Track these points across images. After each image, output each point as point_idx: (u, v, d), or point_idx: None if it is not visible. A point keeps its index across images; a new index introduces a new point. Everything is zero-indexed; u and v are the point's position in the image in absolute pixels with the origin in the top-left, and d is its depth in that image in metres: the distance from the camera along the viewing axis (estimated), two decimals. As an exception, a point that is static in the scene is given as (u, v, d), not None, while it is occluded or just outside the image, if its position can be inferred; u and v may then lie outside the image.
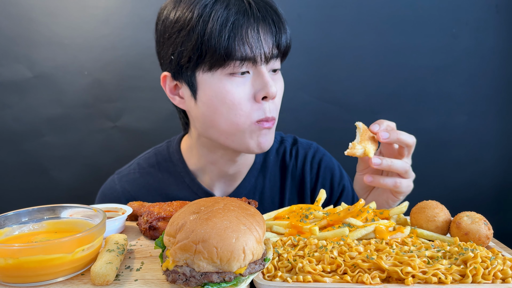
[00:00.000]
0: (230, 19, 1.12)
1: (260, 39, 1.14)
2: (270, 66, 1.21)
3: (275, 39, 1.18)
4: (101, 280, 0.74)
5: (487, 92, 2.10)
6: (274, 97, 1.18)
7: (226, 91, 1.16)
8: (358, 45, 2.05)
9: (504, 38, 2.05)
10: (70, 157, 2.07)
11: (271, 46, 1.17)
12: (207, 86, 1.18)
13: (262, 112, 1.19)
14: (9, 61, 1.96)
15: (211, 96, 1.18)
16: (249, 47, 1.13)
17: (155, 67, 2.01)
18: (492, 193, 2.19)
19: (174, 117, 2.07)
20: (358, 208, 1.00)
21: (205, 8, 1.13)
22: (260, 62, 1.16)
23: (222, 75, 1.16)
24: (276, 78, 1.25)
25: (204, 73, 1.17)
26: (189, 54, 1.16)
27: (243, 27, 1.12)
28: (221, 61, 1.13)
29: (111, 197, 1.44)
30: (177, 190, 1.42)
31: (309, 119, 2.11)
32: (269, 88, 1.16)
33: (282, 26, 1.19)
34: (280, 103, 1.27)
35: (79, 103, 2.03)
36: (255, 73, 1.18)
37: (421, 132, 2.11)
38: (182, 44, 1.16)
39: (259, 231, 0.73)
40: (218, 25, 1.11)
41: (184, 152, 1.45)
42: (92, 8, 1.96)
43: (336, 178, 1.50)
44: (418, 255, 0.79)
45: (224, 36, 1.11)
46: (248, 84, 1.18)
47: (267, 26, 1.16)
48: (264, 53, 1.15)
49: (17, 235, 0.87)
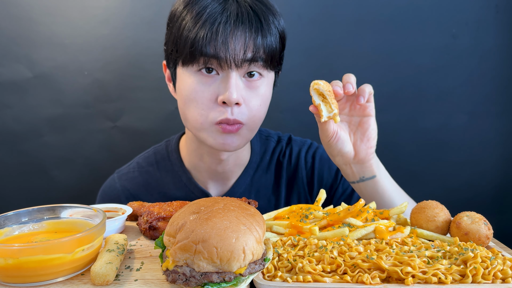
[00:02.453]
0: (203, 18, 1.12)
1: (226, 41, 1.12)
2: (244, 70, 1.18)
3: (251, 45, 1.14)
4: (101, 280, 0.74)
5: (487, 92, 2.10)
6: (232, 103, 1.15)
7: (192, 87, 1.19)
8: (358, 45, 2.05)
9: (504, 38, 2.05)
10: (70, 157, 2.07)
11: (243, 51, 1.14)
12: (181, 80, 1.22)
13: (223, 114, 1.17)
14: (9, 61, 1.96)
15: (182, 90, 1.22)
16: (214, 48, 1.12)
17: (155, 67, 2.02)
18: (492, 193, 2.18)
19: (174, 117, 2.08)
20: (358, 208, 1.00)
21: (188, 4, 1.17)
22: (226, 65, 1.14)
23: (192, 71, 1.19)
24: (254, 86, 1.21)
25: (181, 67, 1.22)
26: (171, 47, 1.22)
27: (212, 28, 1.12)
28: (188, 57, 1.16)
29: (111, 195, 1.46)
30: (175, 189, 1.43)
31: (309, 119, 2.10)
32: (228, 94, 1.14)
33: (261, 30, 1.16)
34: (257, 110, 1.22)
35: (79, 103, 2.03)
36: (223, 76, 1.17)
37: (421, 132, 2.12)
38: (169, 36, 1.23)
39: (259, 231, 0.73)
40: (191, 23, 1.14)
41: (181, 150, 1.47)
42: (92, 8, 1.96)
43: (334, 166, 1.48)
44: (418, 255, 0.79)
45: (192, 34, 1.13)
46: (214, 85, 1.18)
47: (241, 30, 1.13)
48: (230, 57, 1.13)
49: (17, 235, 0.87)
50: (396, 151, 2.11)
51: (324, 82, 1.07)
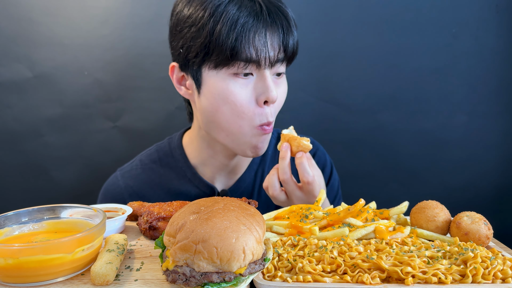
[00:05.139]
0: (240, 21, 1.14)
1: (266, 43, 1.16)
2: (275, 70, 1.23)
3: (282, 44, 1.20)
4: (101, 280, 0.74)
5: (487, 92, 2.10)
6: (274, 101, 1.21)
7: (229, 91, 1.19)
8: (358, 45, 2.05)
9: (504, 38, 2.05)
10: (70, 157, 2.07)
11: (277, 51, 1.20)
12: (211, 83, 1.21)
13: (265, 117, 1.22)
14: (9, 61, 1.96)
15: (214, 94, 1.21)
16: (255, 50, 1.15)
17: (155, 67, 2.02)
18: (492, 193, 2.18)
19: (174, 117, 2.08)
20: (358, 208, 1.00)
21: (218, 7, 1.16)
22: (264, 66, 1.18)
23: (226, 74, 1.19)
24: (280, 82, 1.28)
25: (209, 70, 1.21)
26: (197, 50, 1.19)
27: (251, 30, 1.15)
28: (226, 60, 1.16)
29: (113, 193, 1.46)
30: (179, 185, 1.45)
31: (309, 119, 2.11)
32: (270, 93, 1.18)
33: (290, 32, 1.22)
34: (280, 106, 1.30)
35: (79, 103, 2.03)
36: (258, 76, 1.20)
37: (421, 132, 2.12)
38: (191, 39, 1.20)
39: (259, 231, 0.73)
40: (227, 26, 1.14)
41: (185, 146, 1.48)
42: (92, 8, 1.95)
43: (326, 175, 1.53)
44: (418, 255, 0.79)
45: (231, 38, 1.13)
46: (250, 86, 1.20)
47: (275, 30, 1.18)
48: (269, 57, 1.18)
49: (17, 235, 0.87)
50: (396, 151, 2.11)
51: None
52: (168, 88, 1.80)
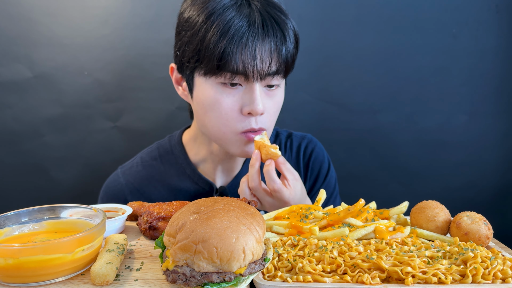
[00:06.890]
0: (230, 32, 1.13)
1: (255, 56, 1.14)
2: (266, 82, 1.22)
3: (275, 57, 1.18)
4: (101, 280, 0.74)
5: (487, 92, 2.10)
6: (258, 114, 1.20)
7: (215, 98, 1.20)
8: (358, 45, 2.05)
9: (504, 38, 2.05)
10: (70, 157, 2.07)
11: (268, 64, 1.18)
12: (201, 89, 1.23)
13: (248, 124, 1.22)
14: (9, 61, 1.96)
15: (202, 99, 1.23)
16: (242, 62, 1.14)
17: (155, 67, 2.02)
18: (492, 193, 2.18)
19: (174, 117, 2.08)
20: (358, 208, 1.00)
21: (211, 15, 1.15)
22: (252, 78, 1.17)
23: (214, 82, 1.20)
24: (273, 94, 1.26)
25: (200, 76, 1.22)
26: (189, 55, 1.20)
27: (240, 42, 1.13)
28: (214, 70, 1.16)
29: (114, 190, 1.47)
30: (179, 181, 1.46)
31: (309, 119, 2.11)
32: (255, 106, 1.18)
33: (284, 44, 1.19)
34: (274, 115, 1.30)
35: (79, 103, 2.03)
36: (247, 87, 1.20)
37: (421, 132, 2.12)
38: (186, 44, 1.21)
39: (259, 231, 0.73)
40: (217, 36, 1.13)
41: (186, 144, 1.50)
42: (92, 8, 1.95)
43: (323, 171, 1.54)
44: (418, 255, 0.79)
45: (220, 48, 1.13)
46: (238, 96, 1.20)
47: (267, 43, 1.16)
48: (257, 71, 1.16)
49: (17, 235, 0.87)
50: (396, 151, 2.11)
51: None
52: (168, 88, 1.80)
